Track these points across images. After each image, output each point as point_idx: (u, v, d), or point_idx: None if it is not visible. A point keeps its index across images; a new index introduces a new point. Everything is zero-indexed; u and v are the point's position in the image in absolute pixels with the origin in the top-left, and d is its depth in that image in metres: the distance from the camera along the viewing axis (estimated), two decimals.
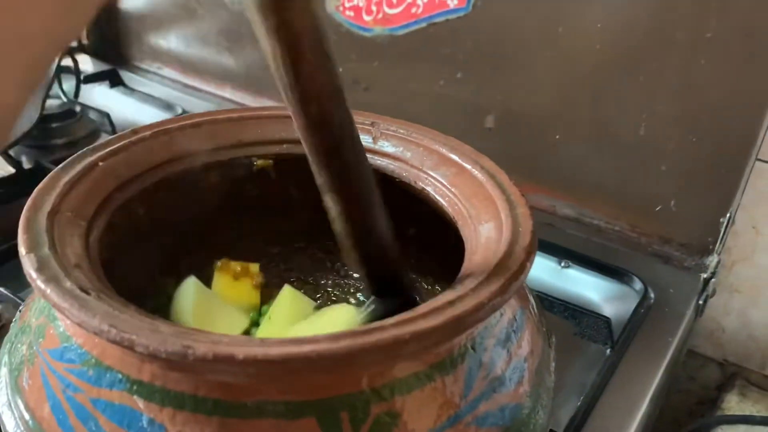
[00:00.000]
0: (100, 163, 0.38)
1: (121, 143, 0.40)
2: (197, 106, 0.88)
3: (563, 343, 0.55)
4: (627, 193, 0.66)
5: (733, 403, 0.64)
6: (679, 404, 0.74)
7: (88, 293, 0.27)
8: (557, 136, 0.68)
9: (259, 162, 0.44)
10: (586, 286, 0.63)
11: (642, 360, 0.53)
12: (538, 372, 0.34)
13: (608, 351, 0.55)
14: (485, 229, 0.34)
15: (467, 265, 0.32)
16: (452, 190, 0.39)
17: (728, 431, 0.59)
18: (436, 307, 0.27)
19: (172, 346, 0.24)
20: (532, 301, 0.37)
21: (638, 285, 0.61)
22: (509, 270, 0.29)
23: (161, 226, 0.42)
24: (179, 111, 0.84)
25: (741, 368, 0.69)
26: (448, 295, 0.28)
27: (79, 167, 0.37)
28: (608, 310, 0.60)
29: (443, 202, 0.39)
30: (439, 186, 0.40)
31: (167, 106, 0.86)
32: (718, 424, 0.60)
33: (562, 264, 0.64)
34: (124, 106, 0.88)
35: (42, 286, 0.27)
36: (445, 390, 0.28)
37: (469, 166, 0.39)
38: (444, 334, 0.26)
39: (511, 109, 0.70)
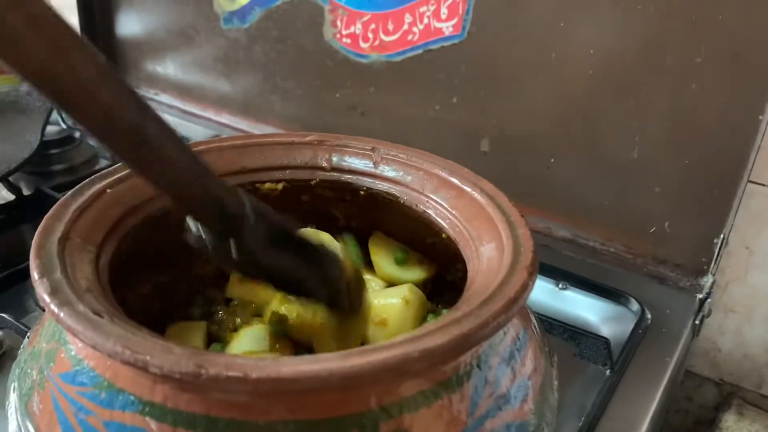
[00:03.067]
0: (108, 190, 0.39)
1: (128, 170, 0.40)
2: (195, 131, 0.89)
3: (563, 364, 0.55)
4: (621, 214, 0.67)
5: (731, 423, 0.65)
6: (678, 424, 0.74)
7: (101, 316, 0.28)
8: (552, 159, 0.69)
9: (266, 186, 0.45)
10: (584, 308, 0.63)
11: (641, 380, 0.54)
12: (542, 390, 0.34)
13: (608, 372, 0.55)
14: (487, 250, 0.35)
15: (470, 284, 0.33)
16: (453, 212, 0.40)
17: None
18: (442, 326, 0.27)
19: (186, 367, 0.24)
20: (534, 320, 0.38)
21: (635, 306, 0.61)
22: (512, 289, 0.30)
23: (168, 252, 0.42)
24: None
25: (738, 387, 0.70)
26: (454, 314, 0.28)
27: (87, 194, 0.37)
28: (606, 331, 0.60)
29: (444, 225, 0.40)
30: (439, 209, 0.41)
31: None
32: None
33: (560, 286, 0.65)
34: None
35: (56, 309, 0.28)
36: (452, 408, 0.29)
37: (468, 189, 0.40)
38: (451, 351, 0.27)
39: (505, 133, 0.71)
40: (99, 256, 0.34)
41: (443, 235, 0.41)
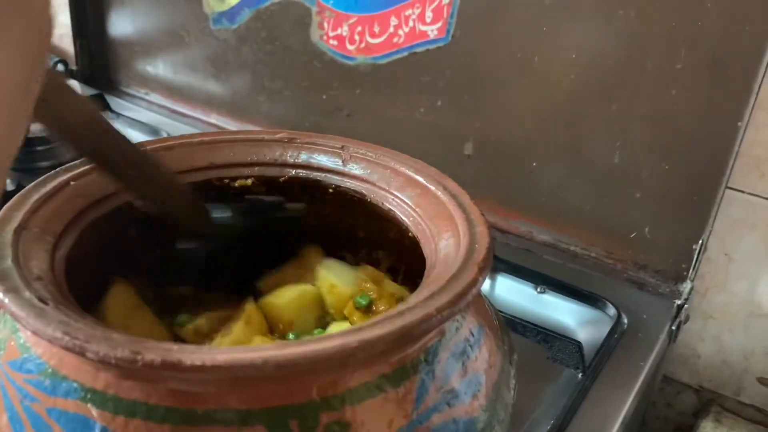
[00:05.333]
0: (72, 183, 0.39)
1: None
2: (183, 131, 0.89)
3: (535, 367, 0.55)
4: (602, 219, 0.67)
5: (709, 429, 0.65)
6: (657, 431, 0.74)
7: (46, 303, 0.28)
8: (534, 164, 0.69)
9: (238, 182, 0.45)
10: (561, 312, 0.63)
11: (613, 385, 0.54)
12: (496, 387, 0.34)
13: (580, 375, 0.55)
14: (444, 246, 0.35)
15: (425, 279, 0.33)
16: (417, 210, 0.40)
17: None
18: (386, 317, 0.27)
19: (122, 352, 0.24)
20: (494, 317, 0.38)
21: (611, 310, 0.61)
22: (461, 283, 0.30)
23: (131, 245, 0.42)
24: (164, 136, 0.86)
25: (716, 394, 0.69)
26: (400, 306, 0.28)
27: (50, 186, 0.38)
28: (582, 335, 0.60)
29: (408, 222, 0.40)
30: (404, 206, 0.41)
31: (153, 131, 0.87)
32: None
33: (539, 289, 0.65)
34: None
35: (1, 296, 0.28)
36: (397, 401, 0.29)
37: (432, 187, 0.40)
38: (391, 343, 0.27)
39: (489, 137, 0.71)
40: (57, 246, 0.34)
41: (409, 234, 0.41)
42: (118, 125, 0.90)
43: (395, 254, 0.45)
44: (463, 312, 0.32)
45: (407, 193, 0.41)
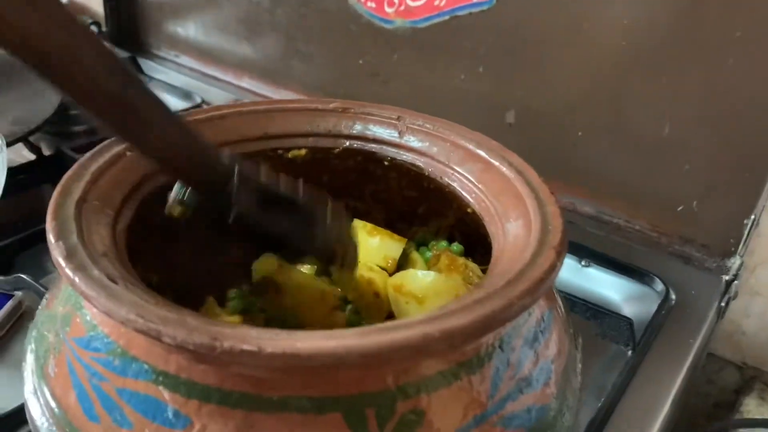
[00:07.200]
0: (128, 153, 0.38)
1: None
2: (215, 95, 0.88)
3: (585, 343, 0.55)
4: (648, 192, 0.65)
5: (752, 407, 0.64)
6: (697, 407, 0.73)
7: (115, 282, 0.27)
8: (579, 133, 0.67)
9: (292, 153, 0.44)
10: (607, 286, 0.62)
11: (663, 362, 0.53)
12: (565, 373, 0.33)
13: (629, 352, 0.54)
14: (513, 227, 0.34)
15: (495, 263, 0.32)
16: (479, 186, 0.39)
17: None
18: (464, 305, 0.26)
19: (200, 339, 0.24)
20: (560, 301, 0.37)
21: (659, 286, 0.60)
22: (539, 269, 0.29)
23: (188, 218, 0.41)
24: (197, 100, 0.84)
25: (760, 372, 0.68)
26: (477, 294, 0.27)
27: (107, 156, 0.37)
28: (628, 310, 0.59)
29: (470, 199, 0.39)
30: (465, 182, 0.40)
31: (185, 94, 0.86)
32: (735, 428, 0.60)
33: (583, 263, 0.64)
34: None
35: (70, 274, 0.27)
36: (472, 389, 0.28)
37: (496, 163, 0.38)
38: (473, 332, 0.26)
39: (532, 105, 0.69)
40: (117, 220, 0.33)
41: (468, 210, 0.40)
42: (151, 88, 0.89)
43: (455, 233, 0.44)
44: None
45: (468, 167, 0.40)
